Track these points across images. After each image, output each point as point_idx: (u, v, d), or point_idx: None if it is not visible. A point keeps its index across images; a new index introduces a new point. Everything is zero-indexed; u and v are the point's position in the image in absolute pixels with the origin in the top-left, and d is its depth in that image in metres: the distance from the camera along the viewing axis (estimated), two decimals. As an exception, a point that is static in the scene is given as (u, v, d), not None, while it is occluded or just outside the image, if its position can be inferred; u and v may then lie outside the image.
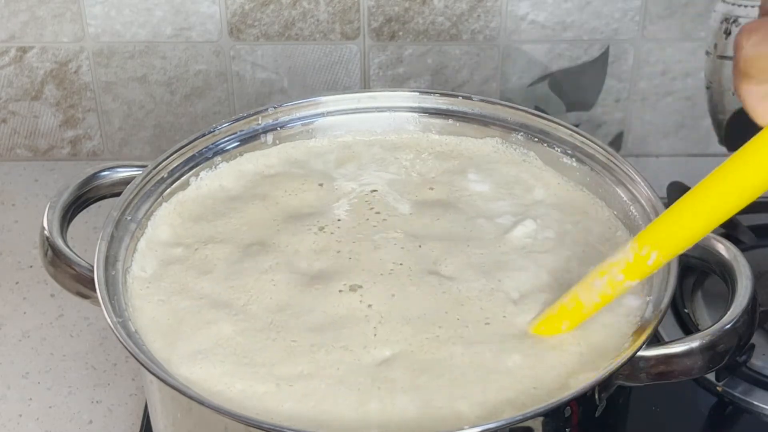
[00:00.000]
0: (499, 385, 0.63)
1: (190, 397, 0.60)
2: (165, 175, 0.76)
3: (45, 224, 0.71)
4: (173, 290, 0.70)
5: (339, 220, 0.75)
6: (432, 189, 0.78)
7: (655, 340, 0.63)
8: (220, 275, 0.71)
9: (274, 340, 0.66)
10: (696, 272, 0.87)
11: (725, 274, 0.67)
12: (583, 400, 0.61)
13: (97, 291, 0.65)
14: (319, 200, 0.77)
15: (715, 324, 0.63)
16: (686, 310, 0.85)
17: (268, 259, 0.72)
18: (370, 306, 0.68)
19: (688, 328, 0.83)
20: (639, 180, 0.73)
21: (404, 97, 0.82)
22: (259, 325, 0.67)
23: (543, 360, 0.65)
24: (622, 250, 0.63)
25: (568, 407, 0.60)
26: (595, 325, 0.67)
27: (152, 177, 0.75)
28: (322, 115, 0.82)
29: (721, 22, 0.99)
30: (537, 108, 0.97)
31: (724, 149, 1.04)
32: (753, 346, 0.78)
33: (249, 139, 0.80)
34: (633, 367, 0.62)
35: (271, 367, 0.65)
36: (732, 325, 0.63)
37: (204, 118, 1.05)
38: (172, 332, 0.67)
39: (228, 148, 0.79)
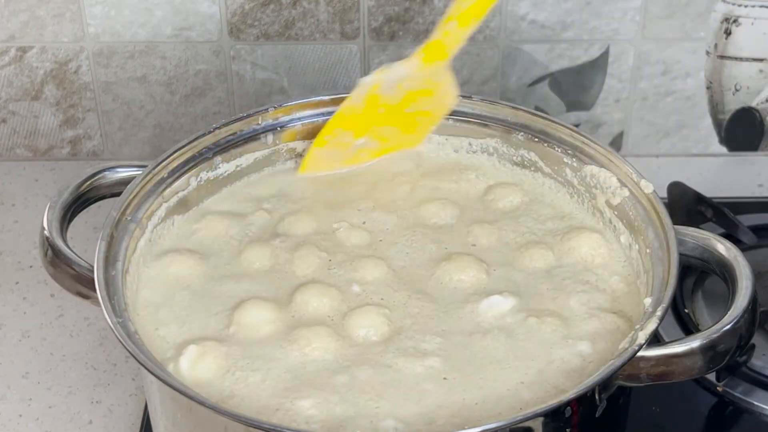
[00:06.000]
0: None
1: (190, 397, 0.60)
2: (165, 175, 0.76)
3: (45, 224, 0.71)
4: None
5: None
6: None
7: (655, 340, 0.63)
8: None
9: None
10: (696, 272, 0.86)
11: (725, 274, 0.67)
12: (584, 400, 0.61)
13: (97, 291, 0.65)
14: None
15: (716, 324, 0.63)
16: (686, 310, 0.85)
17: None
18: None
19: (688, 328, 0.83)
20: (639, 180, 0.73)
21: (404, 97, 0.82)
22: None
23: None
24: None
25: (569, 407, 0.60)
26: (595, 325, 0.67)
27: (152, 177, 0.75)
28: (322, 115, 0.81)
29: (721, 22, 0.99)
30: (537, 108, 0.97)
31: (724, 149, 1.03)
32: (753, 346, 0.78)
33: (249, 139, 0.80)
34: (633, 367, 0.62)
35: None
36: (732, 325, 0.63)
37: (204, 118, 1.05)
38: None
39: (228, 148, 0.79)
